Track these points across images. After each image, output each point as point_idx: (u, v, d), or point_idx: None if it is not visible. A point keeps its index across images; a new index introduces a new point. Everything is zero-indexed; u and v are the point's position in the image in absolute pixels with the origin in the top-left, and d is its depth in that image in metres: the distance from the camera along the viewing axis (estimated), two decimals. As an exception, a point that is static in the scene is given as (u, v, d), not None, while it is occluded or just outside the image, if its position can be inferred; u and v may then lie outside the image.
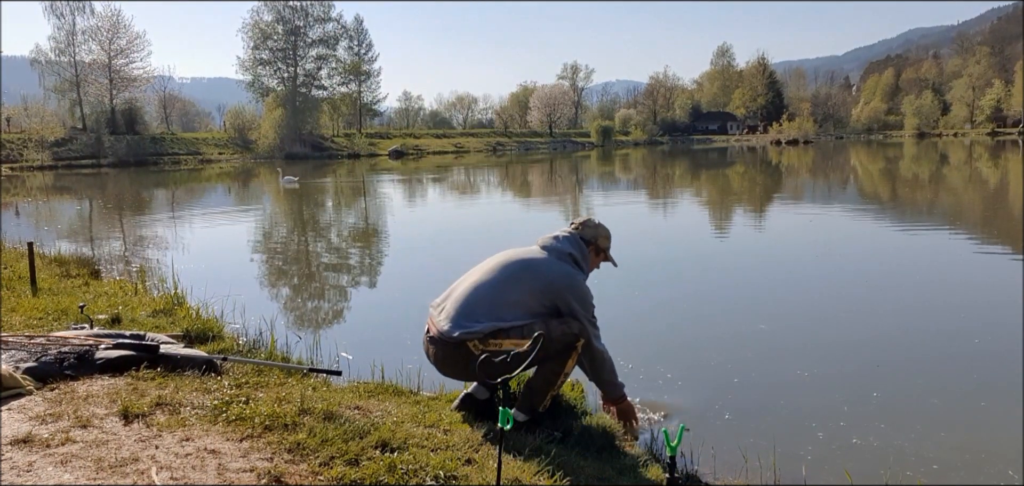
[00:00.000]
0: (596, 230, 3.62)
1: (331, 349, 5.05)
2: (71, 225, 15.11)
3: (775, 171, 30.87)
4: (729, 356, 4.84)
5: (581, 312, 3.33)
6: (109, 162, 47.09)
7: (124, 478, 2.37)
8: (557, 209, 17.02)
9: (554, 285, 3.33)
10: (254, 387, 3.42)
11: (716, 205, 16.78)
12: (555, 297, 3.32)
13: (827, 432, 3.64)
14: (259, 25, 64.79)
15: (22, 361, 3.40)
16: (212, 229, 14.41)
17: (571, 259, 3.47)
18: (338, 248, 11.29)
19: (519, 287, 3.31)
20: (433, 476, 2.53)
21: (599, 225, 3.65)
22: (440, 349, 3.30)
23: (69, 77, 54.96)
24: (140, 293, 6.27)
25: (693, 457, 3.34)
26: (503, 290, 3.30)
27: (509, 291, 3.29)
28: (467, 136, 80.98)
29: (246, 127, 60.82)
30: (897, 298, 6.68)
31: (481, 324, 3.21)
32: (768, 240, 11.13)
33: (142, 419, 2.89)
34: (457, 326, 3.24)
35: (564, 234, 3.55)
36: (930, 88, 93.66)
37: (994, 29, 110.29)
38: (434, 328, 3.34)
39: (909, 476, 3.15)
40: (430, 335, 3.37)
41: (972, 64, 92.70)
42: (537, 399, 3.37)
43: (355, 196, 22.64)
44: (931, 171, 27.23)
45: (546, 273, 3.36)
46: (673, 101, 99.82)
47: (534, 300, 3.30)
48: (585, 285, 3.44)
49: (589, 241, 3.58)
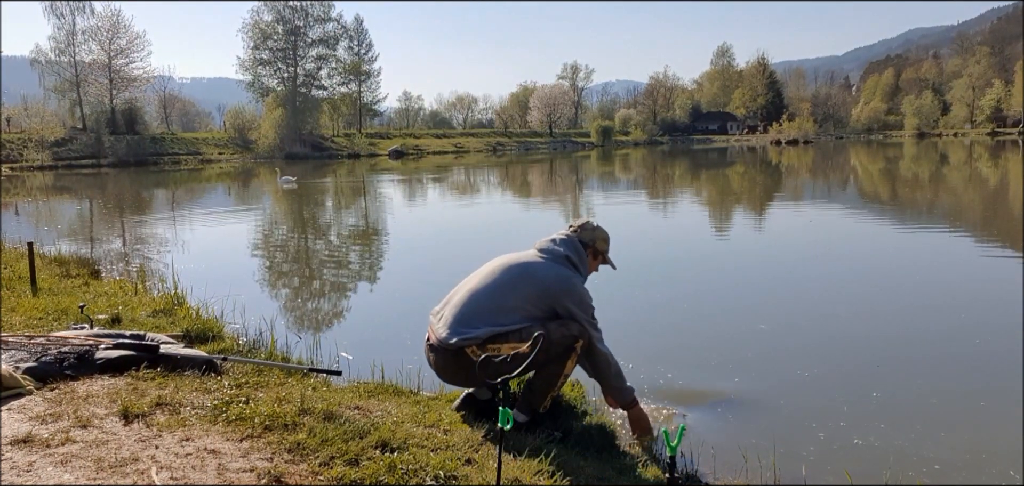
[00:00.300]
0: (594, 233, 3.60)
1: (331, 349, 5.05)
2: (71, 225, 15.11)
3: (775, 171, 30.87)
4: (729, 356, 4.84)
5: (579, 315, 3.33)
6: (109, 162, 47.09)
7: (124, 478, 2.37)
8: (557, 209, 17.02)
9: (551, 289, 3.33)
10: (254, 387, 3.42)
11: (716, 205, 16.77)
12: (552, 301, 3.32)
13: (827, 432, 3.64)
14: (259, 25, 64.83)
15: (22, 361, 3.40)
16: (212, 229, 14.41)
17: (568, 261, 3.46)
18: (338, 248, 11.29)
19: (516, 292, 3.31)
20: (433, 476, 2.53)
21: (597, 228, 3.64)
22: (440, 356, 3.32)
23: (69, 77, 54.96)
24: (140, 293, 6.27)
25: (693, 457, 3.34)
26: (500, 295, 3.30)
27: (506, 296, 3.30)
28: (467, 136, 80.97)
29: (246, 127, 60.82)
30: (897, 298, 6.67)
31: (479, 330, 3.22)
32: (768, 240, 11.13)
33: (142, 419, 2.89)
34: (455, 333, 3.25)
35: (561, 237, 3.55)
36: (930, 88, 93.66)
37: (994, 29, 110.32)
38: (433, 336, 3.36)
39: (910, 476, 3.14)
40: (430, 343, 3.39)
41: (972, 64, 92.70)
42: (537, 400, 3.38)
43: (355, 196, 22.64)
44: (931, 171, 27.22)
45: (543, 277, 3.36)
46: (673, 101, 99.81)
47: (532, 304, 3.30)
48: (583, 288, 3.42)
49: (587, 244, 3.57)
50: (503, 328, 3.23)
